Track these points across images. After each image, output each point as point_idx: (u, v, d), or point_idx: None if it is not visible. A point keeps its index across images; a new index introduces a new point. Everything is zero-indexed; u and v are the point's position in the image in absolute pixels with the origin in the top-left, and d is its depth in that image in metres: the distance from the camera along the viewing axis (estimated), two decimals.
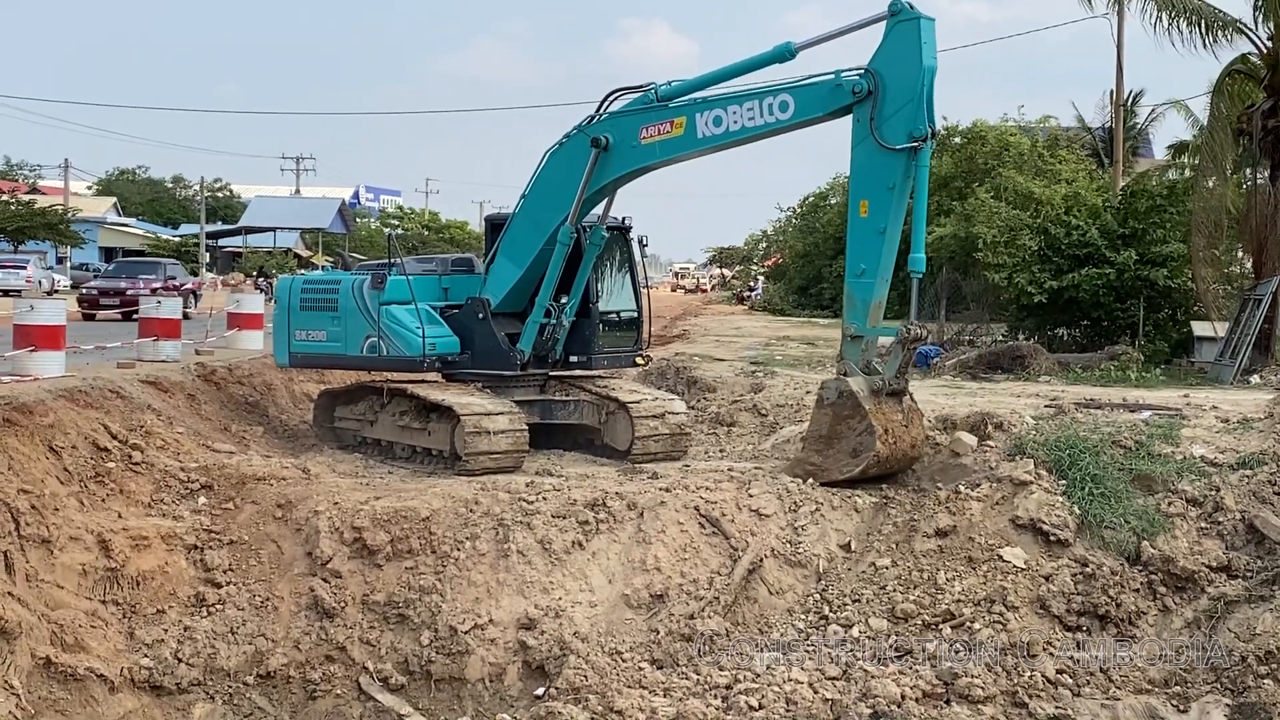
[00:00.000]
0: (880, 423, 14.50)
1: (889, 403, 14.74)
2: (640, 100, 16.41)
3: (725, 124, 15.44)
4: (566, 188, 16.77)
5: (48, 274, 58.08)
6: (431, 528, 13.74)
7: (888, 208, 14.46)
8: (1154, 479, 14.16)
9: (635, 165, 16.47)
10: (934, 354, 26.61)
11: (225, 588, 13.56)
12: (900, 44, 14.21)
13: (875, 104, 14.29)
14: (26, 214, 68.18)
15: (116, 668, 12.30)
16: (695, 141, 15.74)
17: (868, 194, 14.61)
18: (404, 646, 12.99)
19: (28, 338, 17.10)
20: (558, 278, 17.39)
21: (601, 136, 16.37)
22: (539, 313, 17.50)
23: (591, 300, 17.99)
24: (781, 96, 15.07)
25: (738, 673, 12.11)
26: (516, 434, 16.43)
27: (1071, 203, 31.14)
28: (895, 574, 13.41)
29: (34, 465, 13.49)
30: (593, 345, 18.10)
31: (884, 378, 14.70)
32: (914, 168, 14.34)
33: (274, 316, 19.75)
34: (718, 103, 15.56)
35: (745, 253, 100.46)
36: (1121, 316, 27.96)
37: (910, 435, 15.00)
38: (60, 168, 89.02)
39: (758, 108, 15.21)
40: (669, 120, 15.91)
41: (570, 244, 17.11)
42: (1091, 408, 17.20)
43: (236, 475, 15.03)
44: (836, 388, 14.82)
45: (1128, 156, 45.93)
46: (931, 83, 14.19)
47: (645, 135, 16.16)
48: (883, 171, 14.39)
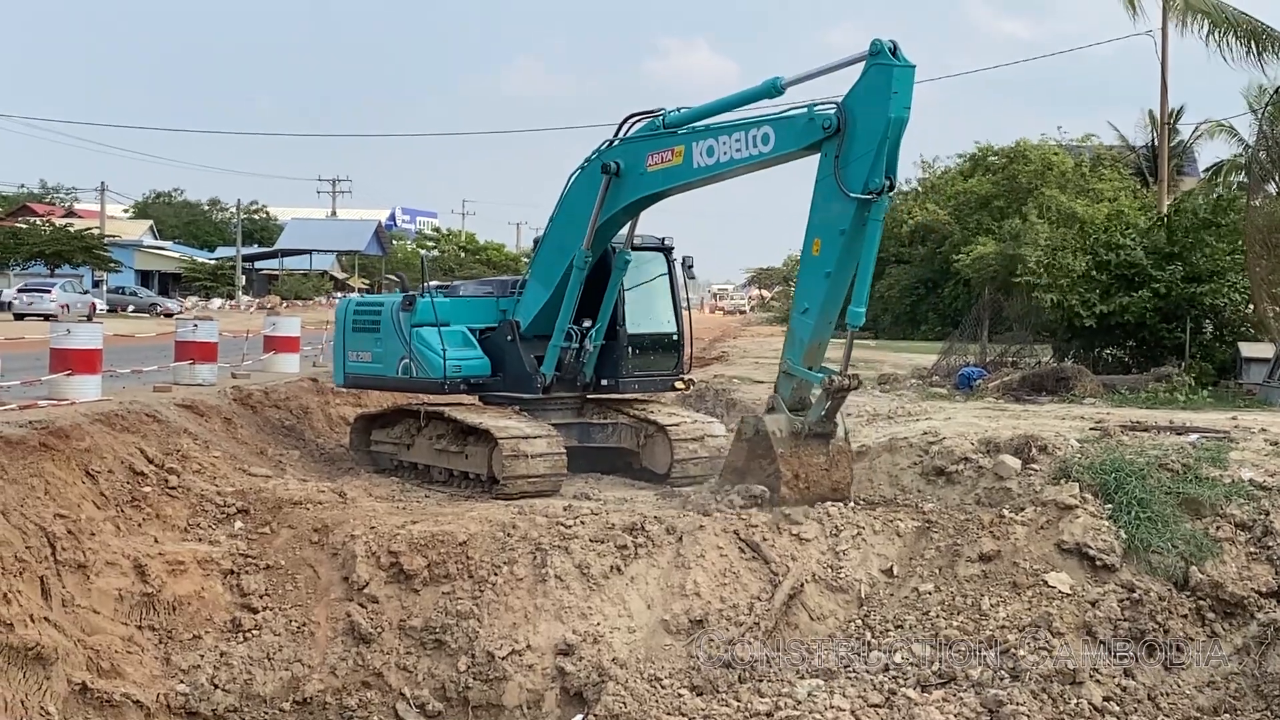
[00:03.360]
0: (790, 468, 14.31)
1: (809, 445, 14.51)
2: (649, 126, 16.23)
3: (717, 154, 15.17)
4: (585, 212, 16.67)
5: (84, 297, 58.20)
6: (469, 552, 13.63)
7: (835, 251, 14.01)
8: (1202, 503, 13.92)
9: (643, 193, 16.28)
10: (976, 375, 26.34)
11: (261, 613, 13.48)
12: (871, 88, 13.70)
13: (841, 142, 13.83)
14: (63, 237, 68.65)
15: (152, 693, 12.26)
16: (692, 171, 15.52)
17: (821, 234, 14.18)
18: (441, 672, 12.88)
19: (64, 362, 17.14)
20: (576, 301, 17.21)
21: (612, 163, 16.25)
22: (559, 336, 17.35)
23: (619, 323, 17.80)
24: (764, 129, 14.76)
25: (779, 699, 11.95)
26: (554, 457, 16.32)
27: (1115, 222, 30.88)
28: (938, 599, 13.22)
29: (70, 490, 13.49)
30: (621, 369, 17.86)
31: (805, 421, 14.46)
32: (866, 219, 13.80)
33: (334, 338, 20.01)
34: (712, 133, 15.31)
35: (784, 274, 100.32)
36: (1168, 337, 27.65)
37: (832, 479, 14.71)
38: (97, 191, 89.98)
39: (745, 139, 14.91)
40: (670, 149, 15.70)
41: (585, 268, 16.91)
42: (1138, 430, 16.94)
43: (273, 499, 14.96)
44: (754, 424, 14.67)
45: (1172, 175, 45.59)
46: (898, 134, 13.66)
47: (651, 163, 15.97)
48: (837, 214, 13.93)
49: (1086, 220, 37.42)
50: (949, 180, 55.44)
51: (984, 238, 42.43)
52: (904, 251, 55.71)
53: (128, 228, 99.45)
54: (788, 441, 14.39)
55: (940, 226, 51.65)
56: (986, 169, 52.63)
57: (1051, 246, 30.38)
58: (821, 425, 14.43)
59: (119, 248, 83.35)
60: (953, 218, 51.26)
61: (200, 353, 21.02)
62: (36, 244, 67.60)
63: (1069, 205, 42.04)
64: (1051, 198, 43.69)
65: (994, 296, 34.51)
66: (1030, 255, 31.34)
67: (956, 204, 52.04)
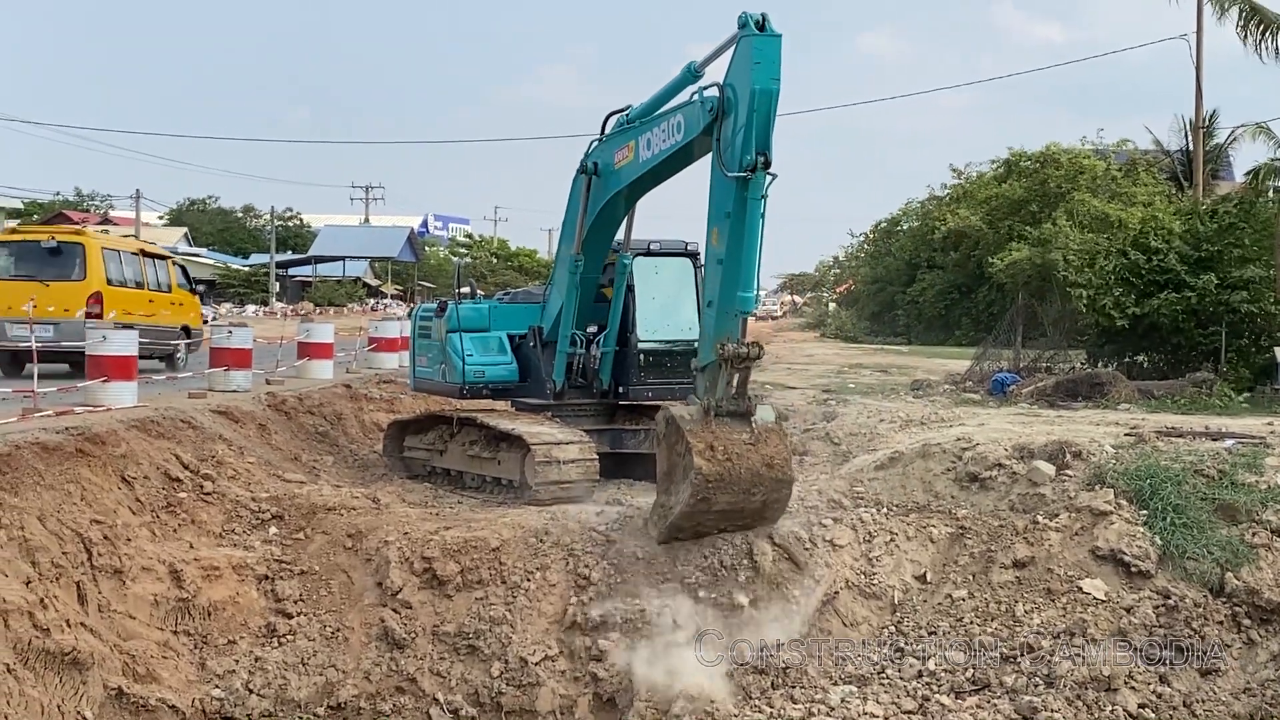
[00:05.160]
0: (703, 440, 12.87)
1: (726, 424, 13.17)
2: (619, 124, 16.10)
3: (653, 146, 14.94)
4: (577, 215, 16.71)
5: None
6: (502, 558, 13.66)
7: (723, 236, 13.24)
8: (1238, 509, 13.84)
9: (613, 190, 16.08)
10: (1010, 381, 26.26)
11: (296, 618, 13.54)
12: (741, 61, 13.09)
13: (723, 124, 13.29)
14: None
15: (188, 699, 12.30)
16: (639, 165, 15.34)
17: (716, 222, 13.40)
18: (474, 678, 12.90)
19: (100, 368, 17.24)
20: (576, 307, 17.17)
21: (590, 163, 16.26)
22: (564, 343, 17.34)
23: (629, 330, 17.70)
24: (677, 116, 14.42)
25: (811, 706, 11.95)
26: (587, 463, 16.32)
27: (1149, 225, 30.73)
28: (972, 606, 13.19)
29: (106, 495, 13.57)
30: (632, 376, 17.71)
31: (710, 399, 13.10)
32: (745, 199, 13.02)
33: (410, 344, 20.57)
34: (649, 125, 15.10)
35: (817, 279, 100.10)
36: (1203, 342, 27.51)
37: (761, 453, 13.11)
38: (132, 198, 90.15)
39: (667, 128, 14.61)
40: (627, 144, 15.59)
41: (577, 272, 16.82)
42: (1173, 436, 16.86)
43: (307, 505, 15.03)
44: (663, 417, 13.57)
45: (1208, 179, 45.31)
46: (766, 107, 12.83)
47: (617, 159, 15.88)
48: (722, 198, 13.29)
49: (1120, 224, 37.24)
50: (982, 185, 55.23)
51: (1017, 243, 42.20)
52: (936, 257, 55.55)
53: (162, 235, 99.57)
54: (697, 420, 13.15)
55: (973, 232, 51.49)
56: (1019, 174, 52.42)
57: (1084, 250, 30.22)
58: (734, 403, 13.10)
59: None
60: (985, 223, 51.09)
61: (235, 359, 21.11)
62: None
63: (1101, 209, 41.78)
64: (1082, 201, 43.43)
65: (1028, 301, 34.39)
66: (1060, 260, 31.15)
67: (989, 209, 51.88)
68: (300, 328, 26.74)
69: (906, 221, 64.14)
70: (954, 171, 60.94)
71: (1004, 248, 43.70)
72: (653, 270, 17.86)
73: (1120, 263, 28.56)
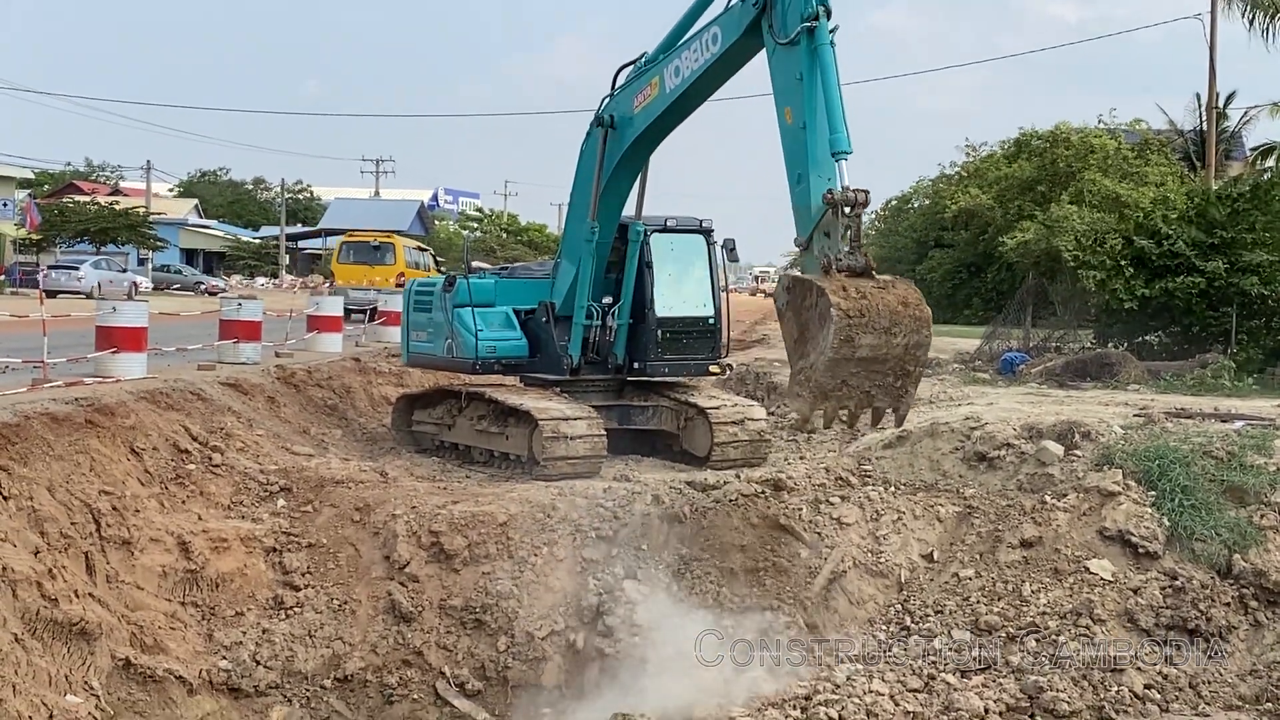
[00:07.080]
0: (834, 283, 11.97)
1: (848, 278, 12.28)
2: (634, 72, 16.18)
3: (682, 71, 15.04)
4: (591, 179, 16.68)
5: (123, 275, 58.07)
6: (509, 533, 13.68)
7: (800, 99, 12.97)
8: (1246, 491, 13.82)
9: (634, 136, 16.11)
10: (1019, 360, 26.22)
11: (303, 591, 13.58)
12: None
13: (771, 8, 13.37)
14: (109, 215, 68.85)
15: (195, 669, 12.36)
16: (666, 95, 15.40)
17: (787, 99, 13.21)
18: (481, 652, 12.95)
19: (110, 339, 17.24)
20: (590, 278, 17.14)
21: (606, 115, 16.29)
22: (579, 314, 17.25)
23: (648, 305, 17.60)
24: (713, 29, 14.55)
25: (817, 683, 11.95)
26: (594, 439, 16.32)
27: (1161, 207, 30.58)
28: (979, 585, 13.19)
29: (115, 467, 13.58)
30: (649, 352, 17.60)
31: (830, 256, 12.28)
32: (815, 49, 12.89)
33: (401, 318, 20.67)
34: (676, 52, 15.21)
35: None
36: (1214, 323, 27.39)
37: (895, 293, 12.21)
38: (142, 169, 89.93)
39: (700, 46, 14.72)
40: (649, 83, 15.65)
41: (594, 239, 16.83)
42: (1182, 417, 16.81)
43: (315, 478, 15.06)
44: (784, 284, 12.73)
45: (1220, 160, 45.12)
46: None
47: (636, 104, 15.93)
48: (791, 67, 13.13)
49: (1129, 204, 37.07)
50: (993, 164, 55.02)
51: (1027, 222, 42.08)
52: (946, 235, 55.41)
53: (173, 206, 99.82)
54: (821, 273, 12.32)
55: (983, 211, 51.32)
56: (1030, 153, 52.22)
57: (1093, 231, 30.08)
58: (851, 258, 12.26)
59: (164, 226, 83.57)
60: (995, 202, 50.92)
61: (244, 331, 21.07)
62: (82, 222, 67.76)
63: (1111, 189, 41.62)
64: (1092, 181, 43.26)
65: (1038, 281, 34.29)
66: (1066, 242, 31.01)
67: (1000, 189, 51.71)
68: (309, 301, 26.74)
69: (917, 200, 63.94)
70: (967, 148, 60.69)
71: (1013, 228, 43.62)
72: (669, 246, 17.80)
73: (1128, 249, 28.42)
